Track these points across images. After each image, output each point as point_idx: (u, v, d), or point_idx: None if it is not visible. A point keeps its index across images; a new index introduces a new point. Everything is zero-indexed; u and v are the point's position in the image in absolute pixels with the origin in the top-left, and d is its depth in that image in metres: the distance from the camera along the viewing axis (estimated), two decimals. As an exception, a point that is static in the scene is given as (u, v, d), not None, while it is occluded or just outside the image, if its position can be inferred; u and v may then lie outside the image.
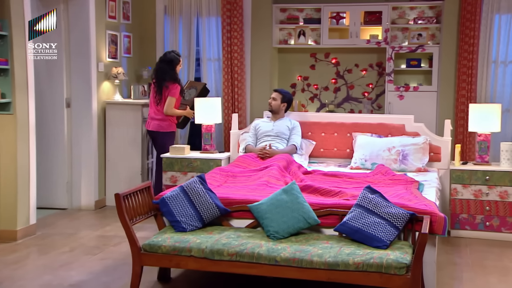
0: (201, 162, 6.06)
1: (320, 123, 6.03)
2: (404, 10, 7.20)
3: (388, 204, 3.78)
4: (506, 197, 5.42)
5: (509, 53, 6.62)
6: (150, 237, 3.98)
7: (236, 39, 7.17)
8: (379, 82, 7.45)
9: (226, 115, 7.13)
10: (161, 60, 6.35)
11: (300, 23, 7.41)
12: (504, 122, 6.50)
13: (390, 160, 5.48)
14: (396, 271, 3.40)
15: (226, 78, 7.24)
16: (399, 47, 7.01)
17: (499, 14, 6.60)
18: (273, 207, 3.90)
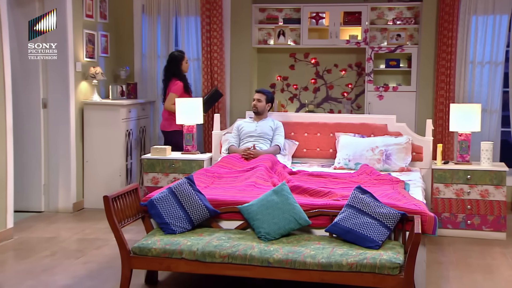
0: (183, 163, 6.01)
1: (303, 123, 6.03)
2: (383, 11, 7.24)
3: (379, 204, 3.79)
4: (487, 195, 5.49)
5: (486, 54, 6.71)
6: (137, 240, 3.91)
7: (215, 39, 7.13)
8: (358, 82, 7.48)
9: (205, 116, 7.07)
10: (167, 61, 6.61)
11: (279, 23, 7.40)
12: (482, 122, 6.57)
13: (373, 160, 5.50)
14: (390, 271, 3.41)
15: (206, 78, 7.19)
16: (379, 48, 7.05)
17: (476, 16, 6.69)
18: (264, 208, 3.88)
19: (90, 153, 6.76)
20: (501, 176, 5.49)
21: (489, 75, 6.71)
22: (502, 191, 5.49)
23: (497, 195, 5.49)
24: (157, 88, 7.45)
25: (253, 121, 5.90)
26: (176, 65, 6.52)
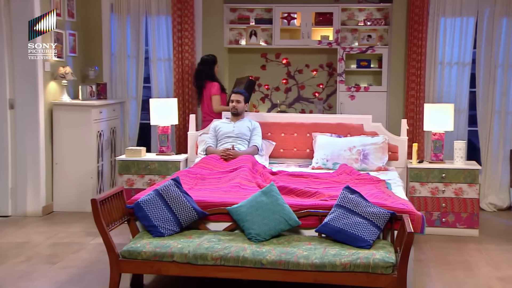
0: (159, 164, 5.94)
1: (279, 124, 6.03)
2: (353, 12, 7.32)
3: (368, 203, 3.83)
4: (461, 193, 5.62)
5: (454, 54, 6.86)
6: (118, 243, 3.83)
7: (187, 38, 7.07)
8: (329, 83, 7.54)
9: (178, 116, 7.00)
10: (198, 64, 6.81)
11: (251, 23, 7.39)
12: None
13: (351, 159, 5.55)
14: (383, 270, 3.45)
15: (178, 79, 7.12)
16: (350, 48, 7.12)
17: (444, 18, 6.83)
18: (253, 209, 3.86)
19: (60, 155, 6.59)
20: (474, 174, 5.62)
21: (457, 76, 6.86)
22: (475, 189, 5.62)
23: (470, 193, 5.62)
24: (127, 88, 7.34)
25: (230, 122, 5.87)
26: (210, 68, 6.69)
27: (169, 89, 7.30)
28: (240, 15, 7.43)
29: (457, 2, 6.77)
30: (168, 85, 7.32)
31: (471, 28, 6.82)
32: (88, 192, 6.55)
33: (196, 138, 6.12)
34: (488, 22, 6.79)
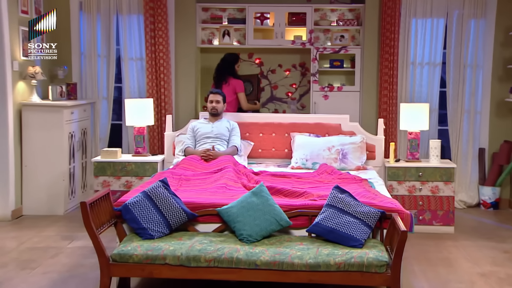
0: (136, 165, 5.85)
1: (258, 124, 6.03)
2: (325, 12, 7.37)
3: (358, 203, 3.86)
4: (437, 191, 5.72)
5: (425, 55, 6.98)
6: (111, 247, 3.76)
7: (161, 38, 6.98)
8: (302, 82, 7.57)
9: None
10: (221, 60, 6.81)
11: (224, 23, 7.35)
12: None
13: (330, 159, 5.58)
14: (377, 269, 3.48)
15: (151, 79, 7.02)
16: (324, 48, 7.17)
17: (416, 19, 6.94)
18: (244, 210, 3.84)
19: (30, 157, 6.41)
20: (450, 172, 5.74)
21: (428, 76, 6.98)
22: (451, 187, 5.74)
23: (446, 190, 5.73)
24: (98, 88, 7.19)
25: (209, 122, 5.83)
26: (231, 66, 6.69)
27: (142, 89, 7.19)
28: (213, 15, 7.39)
29: (428, 4, 6.89)
30: (141, 85, 7.21)
31: (441, 29, 6.95)
32: (60, 195, 6.40)
33: (173, 139, 6.06)
34: (457, 23, 6.93)
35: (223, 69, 6.68)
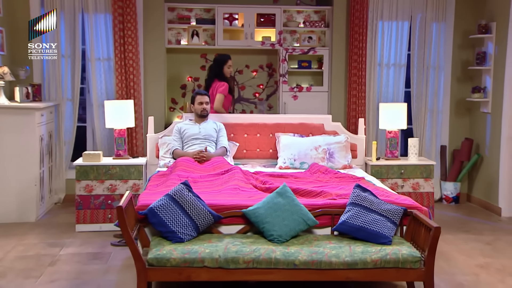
0: (121, 168, 5.72)
1: (242, 125, 6.03)
2: (292, 14, 7.47)
3: (380, 201, 3.97)
4: (418, 188, 5.97)
5: (391, 56, 7.24)
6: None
7: (130, 38, 6.83)
8: (269, 83, 7.64)
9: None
10: (212, 61, 6.66)
11: (191, 23, 7.29)
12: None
13: (318, 158, 5.68)
14: (412, 265, 3.60)
15: (120, 79, 6.85)
16: (293, 49, 7.26)
17: (382, 21, 7.19)
18: (272, 210, 3.86)
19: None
20: (430, 169, 6.00)
21: (394, 76, 7.24)
22: (431, 183, 6.00)
23: (426, 187, 5.99)
24: (62, 90, 6.92)
25: (195, 124, 5.78)
26: (219, 67, 6.46)
27: (110, 91, 6.99)
28: (180, 15, 7.30)
29: (393, 7, 7.15)
30: (108, 86, 7.01)
31: (406, 31, 7.23)
32: (31, 201, 6.13)
33: (155, 141, 5.95)
34: (420, 26, 7.24)
35: (210, 72, 6.64)
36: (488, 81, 6.96)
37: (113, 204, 5.71)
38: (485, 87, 7.01)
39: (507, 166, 6.57)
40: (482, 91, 7.01)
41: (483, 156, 7.09)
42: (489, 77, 6.94)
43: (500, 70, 6.71)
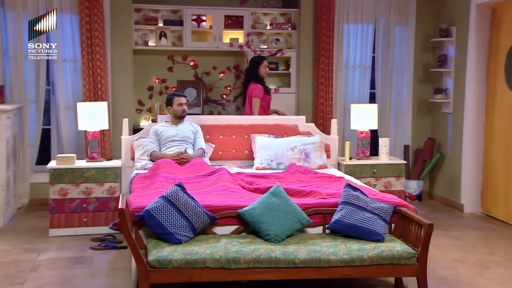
0: (96, 171, 5.63)
1: (218, 126, 6.04)
2: (258, 16, 7.53)
3: (371, 199, 4.07)
4: (390, 186, 6.14)
5: (357, 58, 7.41)
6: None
7: (97, 39, 6.72)
8: (236, 85, 7.67)
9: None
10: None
11: (159, 24, 7.24)
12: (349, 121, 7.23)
13: (294, 159, 5.76)
14: (407, 261, 3.72)
15: (88, 81, 6.74)
16: (261, 51, 7.32)
17: (348, 24, 7.35)
18: (267, 210, 3.90)
19: (-38, 167, 5.89)
20: (400, 168, 6.18)
21: (359, 78, 7.42)
22: (401, 182, 6.18)
23: (398, 185, 6.17)
24: (25, 91, 6.74)
25: (172, 125, 5.75)
26: (254, 68, 6.40)
27: (76, 92, 6.86)
28: (146, 16, 7.24)
29: (359, 10, 7.33)
30: (75, 88, 6.87)
31: (371, 34, 7.42)
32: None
33: (130, 143, 5.88)
34: (384, 29, 7.45)
35: (245, 75, 6.62)
36: (449, 82, 7.23)
37: (88, 208, 5.60)
38: (446, 89, 7.27)
39: (469, 164, 6.84)
40: (444, 92, 7.27)
41: (445, 154, 7.35)
42: (450, 79, 7.20)
43: (461, 72, 6.98)
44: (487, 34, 6.75)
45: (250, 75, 6.55)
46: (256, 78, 6.49)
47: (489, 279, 4.52)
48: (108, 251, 5.10)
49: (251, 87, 6.46)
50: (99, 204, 5.64)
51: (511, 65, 6.28)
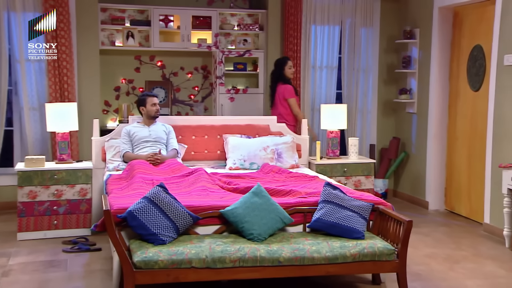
0: (67, 173, 5.53)
1: (190, 126, 6.03)
2: (226, 17, 7.55)
3: (350, 198, 4.15)
4: (359, 185, 6.25)
5: (324, 59, 7.51)
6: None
7: (63, 38, 6.61)
8: (204, 85, 7.67)
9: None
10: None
11: (126, 24, 7.17)
12: (317, 121, 7.35)
13: (267, 159, 5.80)
14: (387, 257, 3.80)
15: (54, 81, 6.62)
16: (229, 52, 7.34)
17: (315, 25, 7.45)
18: (250, 210, 3.92)
19: None
20: (370, 167, 6.30)
21: (326, 78, 7.52)
22: (371, 180, 6.30)
23: (367, 184, 6.28)
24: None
25: (144, 126, 5.71)
26: (280, 70, 6.42)
27: (41, 93, 6.72)
28: (113, 16, 7.16)
29: (325, 12, 7.43)
30: (40, 89, 6.72)
31: (337, 35, 7.53)
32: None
33: (101, 144, 5.81)
34: (349, 31, 7.57)
35: (272, 76, 6.62)
36: (413, 83, 7.40)
37: (58, 210, 5.51)
38: (410, 89, 7.44)
39: (433, 163, 7.02)
40: (408, 92, 7.44)
41: (410, 153, 7.52)
42: (414, 79, 7.37)
43: (424, 73, 7.15)
44: (449, 36, 6.94)
45: (276, 77, 6.58)
46: (283, 79, 6.52)
47: (461, 273, 4.66)
48: (82, 253, 5.03)
49: (281, 89, 6.48)
50: (70, 207, 5.55)
51: (474, 66, 6.48)
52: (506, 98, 5.74)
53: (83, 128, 6.64)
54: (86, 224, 5.61)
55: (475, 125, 6.48)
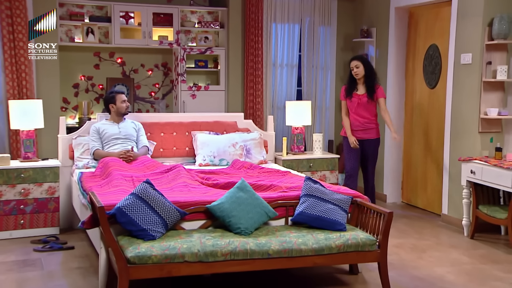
0: (34, 171, 5.42)
1: (159, 123, 6.02)
2: (186, 14, 7.55)
3: (330, 191, 4.27)
4: (325, 179, 6.40)
5: (284, 57, 7.63)
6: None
7: (20, 34, 6.44)
8: (165, 82, 7.65)
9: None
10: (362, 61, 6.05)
11: (85, 20, 7.06)
12: (281, 117, 7.47)
13: (236, 155, 5.86)
14: (370, 247, 3.95)
15: (11, 78, 6.44)
16: (191, 49, 7.35)
17: (276, 23, 7.56)
18: (236, 205, 3.98)
19: None
20: (334, 162, 6.47)
21: (287, 76, 7.65)
22: (335, 175, 6.46)
23: (332, 178, 6.44)
24: None
25: (113, 123, 5.66)
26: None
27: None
28: (71, 11, 7.03)
29: (285, 10, 7.56)
30: (-4, 86, 6.53)
31: (297, 34, 7.67)
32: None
33: (68, 142, 5.72)
34: (309, 29, 7.73)
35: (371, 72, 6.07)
36: (371, 80, 7.61)
37: (25, 209, 5.39)
38: (368, 86, 7.65)
39: (391, 157, 7.27)
40: (365, 90, 7.65)
41: (367, 149, 7.73)
42: (371, 77, 7.58)
43: (381, 71, 7.38)
44: (405, 35, 7.20)
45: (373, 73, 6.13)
46: (349, 79, 6.14)
47: (429, 262, 4.88)
48: (54, 252, 4.95)
49: (379, 87, 6.09)
50: (38, 205, 5.44)
51: (430, 64, 6.75)
52: (462, 95, 6.01)
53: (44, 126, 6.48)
54: (55, 223, 5.52)
55: (431, 121, 6.75)
